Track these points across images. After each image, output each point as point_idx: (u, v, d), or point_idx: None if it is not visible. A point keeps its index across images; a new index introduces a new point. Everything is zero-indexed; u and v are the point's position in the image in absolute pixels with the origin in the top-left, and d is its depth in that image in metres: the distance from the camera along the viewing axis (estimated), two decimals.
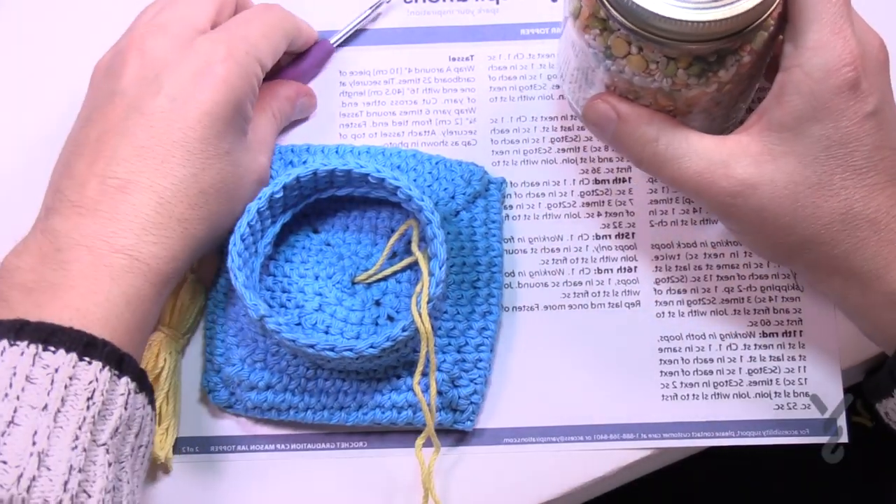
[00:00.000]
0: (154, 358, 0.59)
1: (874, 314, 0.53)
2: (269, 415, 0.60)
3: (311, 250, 0.62)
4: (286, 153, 0.63)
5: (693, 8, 0.48)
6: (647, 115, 0.54)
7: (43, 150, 0.65)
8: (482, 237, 0.62)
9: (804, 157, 0.50)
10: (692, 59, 0.50)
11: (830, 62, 0.49)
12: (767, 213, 0.51)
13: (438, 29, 0.67)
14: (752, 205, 0.51)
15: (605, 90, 0.56)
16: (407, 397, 0.60)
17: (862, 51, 0.50)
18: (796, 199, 0.51)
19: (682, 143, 0.53)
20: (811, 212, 0.51)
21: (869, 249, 0.51)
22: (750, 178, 0.51)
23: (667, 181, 0.54)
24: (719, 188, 0.52)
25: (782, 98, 0.51)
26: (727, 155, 0.52)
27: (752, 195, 0.51)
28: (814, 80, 0.50)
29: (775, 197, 0.51)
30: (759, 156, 0.51)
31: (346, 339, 0.59)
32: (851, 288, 0.53)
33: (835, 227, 0.51)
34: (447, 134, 0.65)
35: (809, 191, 0.50)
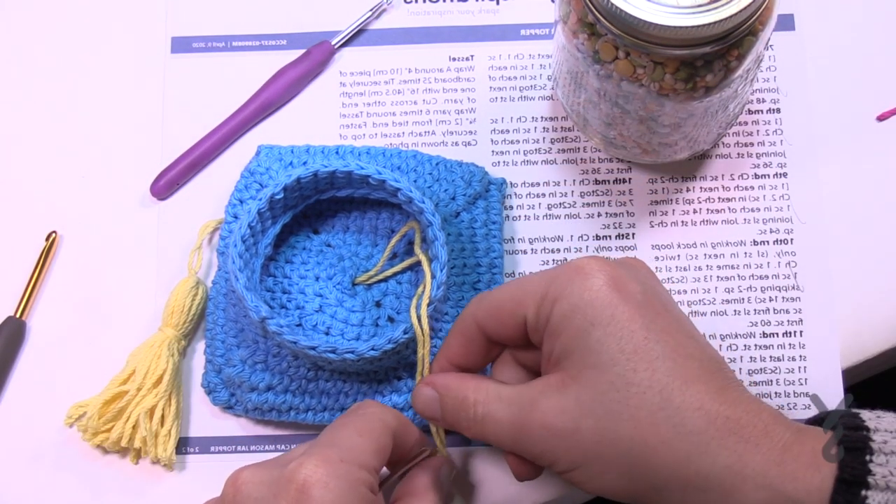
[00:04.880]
0: (156, 359, 0.62)
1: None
2: (269, 416, 0.62)
3: (311, 251, 0.64)
4: (286, 154, 0.65)
5: (679, 13, 0.50)
6: (463, 383, 0.54)
7: (42, 150, 0.69)
8: (483, 238, 0.64)
9: (598, 365, 0.49)
10: (679, 64, 0.52)
11: None
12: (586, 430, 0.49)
13: (438, 29, 0.70)
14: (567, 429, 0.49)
15: (596, 95, 0.58)
16: (408, 399, 0.61)
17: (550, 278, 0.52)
18: (609, 406, 0.49)
19: (493, 399, 0.52)
20: (630, 413, 0.48)
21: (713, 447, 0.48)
22: (558, 406, 0.50)
23: (493, 442, 0.53)
24: (533, 428, 0.50)
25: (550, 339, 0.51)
26: (535, 393, 0.51)
27: (566, 422, 0.49)
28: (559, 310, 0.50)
29: (586, 413, 0.49)
30: (561, 383, 0.50)
31: (347, 340, 0.61)
32: None
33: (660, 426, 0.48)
34: (447, 134, 0.68)
35: (618, 394, 0.48)
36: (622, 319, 0.49)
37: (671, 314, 0.51)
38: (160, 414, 0.61)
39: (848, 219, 0.65)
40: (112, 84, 0.70)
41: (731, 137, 0.67)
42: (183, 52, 0.70)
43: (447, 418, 0.54)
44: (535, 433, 0.50)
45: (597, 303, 0.50)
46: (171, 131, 0.69)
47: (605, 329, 0.49)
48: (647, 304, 0.50)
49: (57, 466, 0.63)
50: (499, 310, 0.53)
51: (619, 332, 0.49)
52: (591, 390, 0.49)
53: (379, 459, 0.51)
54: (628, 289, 0.50)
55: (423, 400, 0.55)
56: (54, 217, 0.67)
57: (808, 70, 0.68)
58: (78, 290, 0.66)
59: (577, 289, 0.50)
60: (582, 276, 0.50)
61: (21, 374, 0.65)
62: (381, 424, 0.53)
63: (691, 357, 0.50)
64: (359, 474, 0.49)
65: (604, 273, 0.50)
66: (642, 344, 0.49)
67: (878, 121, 0.67)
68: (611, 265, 0.51)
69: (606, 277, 0.50)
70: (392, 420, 0.54)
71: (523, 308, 0.52)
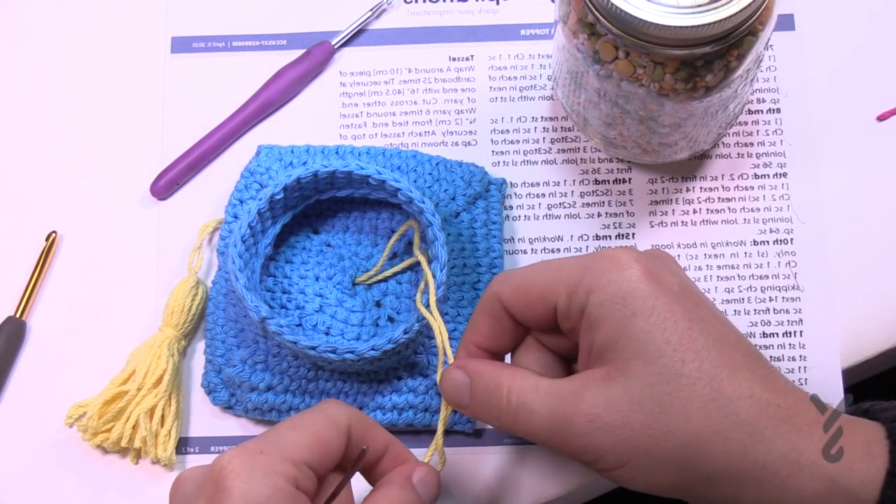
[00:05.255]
0: (156, 359, 0.62)
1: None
2: (269, 416, 0.62)
3: (311, 251, 0.64)
4: (286, 154, 0.65)
5: (679, 13, 0.50)
6: (496, 370, 0.52)
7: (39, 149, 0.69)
8: (483, 238, 0.64)
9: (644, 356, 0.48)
10: (679, 63, 0.53)
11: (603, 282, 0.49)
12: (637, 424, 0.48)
13: (438, 29, 0.70)
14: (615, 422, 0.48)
15: (596, 95, 0.58)
16: (408, 399, 0.62)
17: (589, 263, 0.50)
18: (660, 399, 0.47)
19: (530, 388, 0.51)
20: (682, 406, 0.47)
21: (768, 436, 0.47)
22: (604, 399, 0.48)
23: (525, 434, 0.51)
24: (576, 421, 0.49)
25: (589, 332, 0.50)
26: (578, 386, 0.49)
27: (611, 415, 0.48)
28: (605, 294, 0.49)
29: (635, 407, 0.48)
30: (606, 375, 0.49)
31: (347, 340, 0.61)
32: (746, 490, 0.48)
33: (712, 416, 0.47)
34: (447, 134, 0.68)
35: (668, 386, 0.47)
36: (663, 310, 0.48)
37: (706, 305, 0.51)
38: (160, 414, 0.62)
39: (848, 219, 0.65)
40: (112, 84, 0.70)
41: (731, 137, 0.67)
42: (183, 52, 0.70)
43: (475, 405, 0.53)
44: (579, 427, 0.49)
45: (636, 293, 0.49)
46: (171, 131, 0.69)
47: (647, 319, 0.48)
48: (685, 295, 0.50)
49: (57, 466, 0.63)
50: (527, 292, 0.52)
51: (663, 323, 0.48)
52: (639, 382, 0.48)
53: (314, 455, 0.49)
54: (665, 280, 0.49)
55: (452, 384, 0.53)
56: (54, 217, 0.67)
57: (808, 70, 0.68)
58: (78, 290, 0.66)
59: (614, 278, 0.49)
60: (618, 267, 0.49)
61: (21, 374, 0.65)
62: (325, 420, 0.50)
63: (734, 346, 0.49)
64: (279, 466, 0.47)
65: (639, 264, 0.49)
66: (686, 334, 0.48)
67: (878, 121, 0.67)
68: (644, 256, 0.50)
69: (642, 268, 0.49)
70: (344, 418, 0.50)
71: (554, 294, 0.51)
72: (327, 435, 0.49)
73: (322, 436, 0.49)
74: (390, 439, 0.53)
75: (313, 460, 0.49)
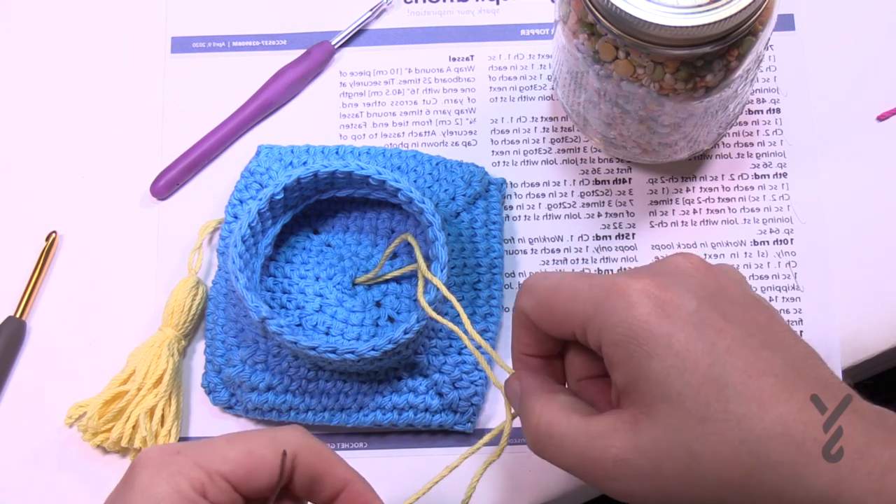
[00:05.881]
0: (156, 359, 0.62)
1: None
2: (269, 416, 0.62)
3: (311, 251, 0.64)
4: (286, 154, 0.66)
5: (679, 13, 0.50)
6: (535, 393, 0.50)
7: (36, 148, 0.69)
8: (483, 238, 0.64)
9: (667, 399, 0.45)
10: (679, 63, 0.53)
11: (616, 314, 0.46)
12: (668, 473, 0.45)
13: (438, 29, 0.70)
14: (646, 471, 0.46)
15: (596, 95, 0.58)
16: (408, 399, 0.62)
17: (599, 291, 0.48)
18: (689, 446, 0.45)
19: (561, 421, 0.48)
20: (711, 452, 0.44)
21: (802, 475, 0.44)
22: (633, 445, 0.46)
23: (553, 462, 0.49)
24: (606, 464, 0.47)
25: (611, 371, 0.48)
26: (608, 429, 0.47)
27: (642, 463, 0.46)
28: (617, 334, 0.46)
29: (665, 456, 0.45)
30: (633, 420, 0.46)
31: (347, 340, 0.61)
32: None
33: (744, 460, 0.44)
34: (447, 134, 0.68)
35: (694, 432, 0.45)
36: (680, 349, 0.45)
37: (734, 325, 0.46)
38: (160, 414, 0.62)
39: (848, 219, 0.66)
40: (112, 84, 0.70)
41: (731, 137, 0.67)
42: (183, 52, 0.70)
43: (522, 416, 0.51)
44: (610, 472, 0.46)
45: (649, 334, 0.45)
46: (171, 131, 0.69)
47: (663, 361, 0.45)
48: (705, 324, 0.46)
49: (57, 466, 0.63)
50: (549, 314, 0.50)
51: (682, 364, 0.45)
52: (665, 429, 0.45)
53: (238, 470, 0.47)
54: (680, 311, 0.46)
55: (511, 393, 0.52)
56: (54, 217, 0.67)
57: (808, 70, 0.68)
58: (78, 290, 0.66)
59: (623, 318, 0.46)
60: (627, 305, 0.46)
61: (21, 374, 0.65)
62: (266, 440, 0.48)
63: (765, 373, 0.45)
64: (188, 470, 0.46)
65: (649, 299, 0.46)
66: (707, 372, 0.45)
67: (878, 121, 0.67)
68: (655, 286, 0.46)
69: (653, 304, 0.46)
70: (293, 444, 0.48)
71: (570, 326, 0.49)
72: (261, 454, 0.48)
73: (255, 453, 0.47)
74: (351, 478, 0.50)
75: (233, 475, 0.47)
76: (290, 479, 0.49)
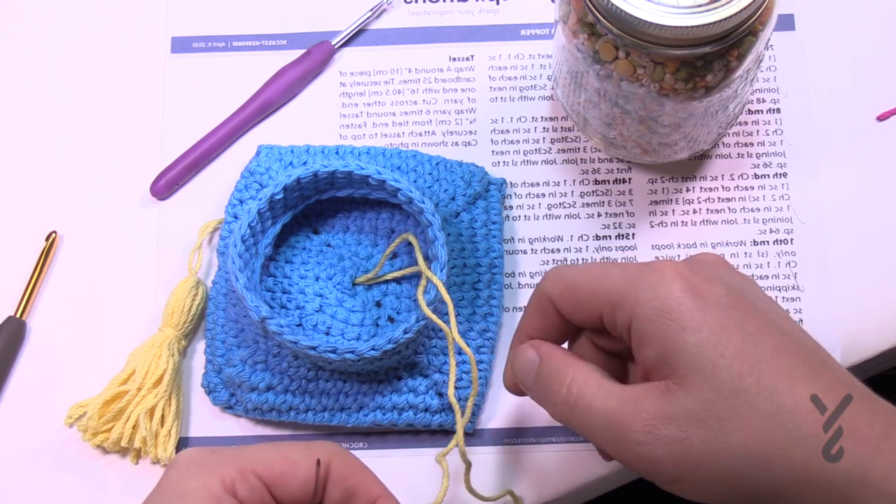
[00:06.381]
0: (156, 359, 0.62)
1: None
2: (269, 416, 0.62)
3: (311, 251, 0.64)
4: (286, 154, 0.66)
5: (679, 13, 0.50)
6: (565, 358, 0.51)
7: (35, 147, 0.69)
8: (482, 238, 0.64)
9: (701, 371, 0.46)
10: (679, 63, 0.53)
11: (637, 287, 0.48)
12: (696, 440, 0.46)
13: (438, 29, 0.70)
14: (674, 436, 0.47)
15: (597, 95, 0.58)
16: (408, 398, 0.62)
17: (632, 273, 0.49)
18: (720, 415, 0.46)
19: (593, 384, 0.50)
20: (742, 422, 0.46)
21: None
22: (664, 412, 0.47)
23: (580, 430, 0.50)
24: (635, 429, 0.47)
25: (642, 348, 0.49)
26: (640, 395, 0.48)
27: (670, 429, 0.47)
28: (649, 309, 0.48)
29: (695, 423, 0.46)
30: (666, 389, 0.47)
31: (347, 340, 0.61)
32: None
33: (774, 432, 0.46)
34: (447, 134, 0.68)
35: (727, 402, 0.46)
36: (713, 324, 0.47)
37: (761, 311, 0.49)
38: (160, 414, 0.62)
39: (848, 219, 0.66)
40: (112, 84, 0.70)
41: (731, 137, 0.67)
42: (183, 52, 0.70)
43: (536, 389, 0.52)
44: (638, 434, 0.47)
45: (683, 308, 0.47)
46: (171, 131, 0.69)
47: (698, 334, 0.47)
48: (736, 306, 0.48)
49: (57, 466, 0.63)
50: (575, 295, 0.51)
51: (715, 338, 0.46)
52: (697, 398, 0.46)
53: (272, 470, 0.48)
54: (711, 293, 0.48)
55: (523, 362, 0.53)
56: (54, 217, 0.67)
57: (808, 70, 0.68)
58: (78, 290, 0.66)
59: (660, 293, 0.48)
60: (662, 281, 0.48)
61: (21, 374, 0.65)
62: (302, 446, 0.49)
63: (794, 355, 0.47)
64: (221, 468, 0.47)
65: (683, 280, 0.48)
66: (741, 347, 0.46)
67: (878, 121, 0.67)
68: (689, 270, 0.49)
69: (686, 284, 0.48)
70: (326, 454, 0.49)
71: (599, 305, 0.50)
72: (296, 458, 0.48)
73: (290, 457, 0.48)
74: (382, 493, 0.50)
75: (268, 475, 0.48)
76: (323, 492, 0.49)
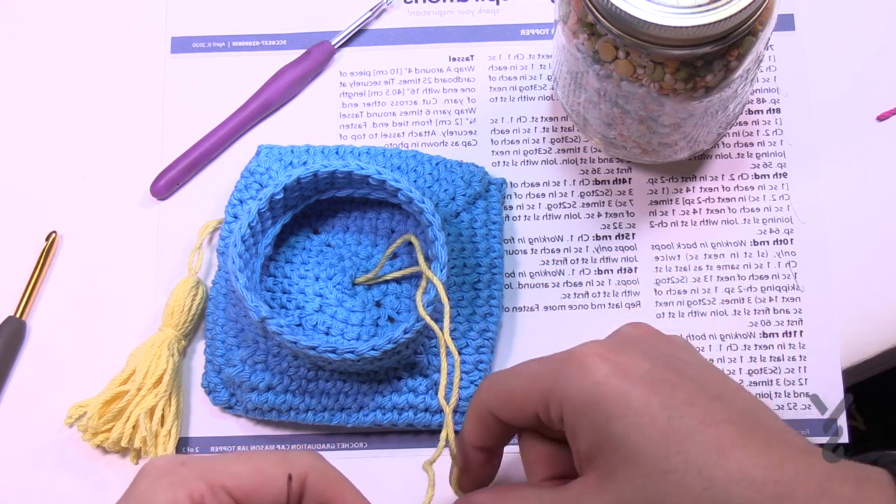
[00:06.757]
0: (156, 359, 0.62)
1: None
2: (269, 416, 0.62)
3: (311, 251, 0.64)
4: (286, 154, 0.66)
5: (679, 13, 0.50)
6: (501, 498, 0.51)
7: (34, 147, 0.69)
8: (482, 238, 0.64)
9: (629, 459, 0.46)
10: (679, 63, 0.53)
11: None
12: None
13: (438, 29, 0.70)
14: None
15: (597, 95, 0.58)
16: (408, 398, 0.62)
17: None
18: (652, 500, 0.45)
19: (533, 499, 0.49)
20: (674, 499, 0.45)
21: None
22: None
23: None
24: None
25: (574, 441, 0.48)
26: (574, 497, 0.48)
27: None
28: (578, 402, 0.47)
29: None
30: (598, 483, 0.47)
31: (347, 340, 0.61)
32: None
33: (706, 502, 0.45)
34: (447, 134, 0.68)
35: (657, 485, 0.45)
36: (638, 406, 0.46)
37: (690, 379, 0.48)
38: (160, 414, 0.62)
39: (848, 219, 0.66)
40: (112, 84, 0.70)
41: (731, 137, 0.67)
42: (183, 52, 0.70)
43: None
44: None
45: (607, 395, 0.46)
46: (171, 131, 0.69)
47: (623, 420, 0.46)
48: (660, 380, 0.47)
49: (57, 466, 0.63)
50: (509, 401, 0.51)
51: (640, 420, 0.46)
52: (629, 485, 0.46)
53: (243, 486, 0.47)
54: (636, 370, 0.47)
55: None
56: (54, 217, 0.67)
57: (808, 70, 0.68)
58: (78, 290, 0.66)
59: (584, 385, 0.47)
60: (585, 372, 0.47)
61: (21, 374, 0.65)
62: (276, 459, 0.48)
63: (723, 422, 0.46)
64: (190, 481, 0.46)
65: (605, 362, 0.47)
66: (666, 425, 0.45)
67: (878, 121, 0.67)
68: (610, 350, 0.48)
69: (609, 366, 0.47)
70: (304, 466, 0.48)
71: (533, 406, 0.50)
72: (270, 473, 0.47)
73: (263, 472, 0.47)
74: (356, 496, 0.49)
75: (238, 490, 0.47)
76: None
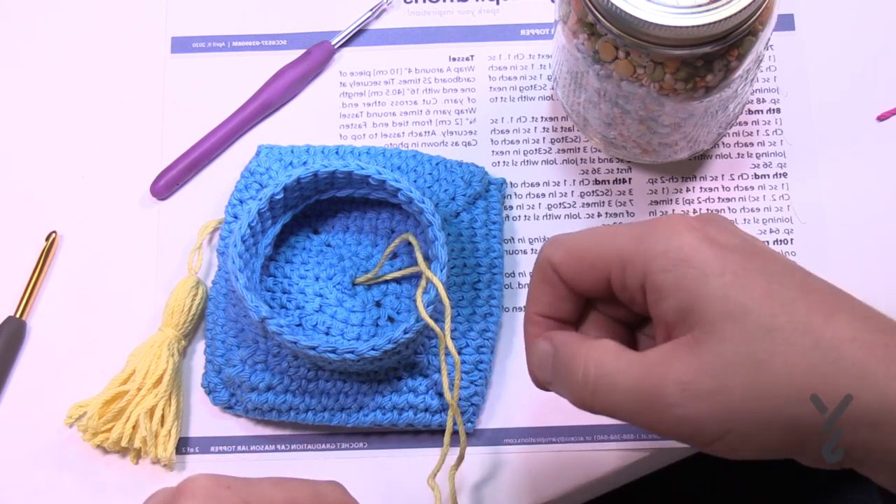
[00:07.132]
0: (156, 359, 0.62)
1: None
2: (269, 416, 0.62)
3: (311, 251, 0.64)
4: (286, 154, 0.66)
5: (679, 13, 0.50)
6: (577, 341, 0.48)
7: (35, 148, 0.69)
8: (482, 238, 0.64)
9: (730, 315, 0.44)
10: (679, 63, 0.53)
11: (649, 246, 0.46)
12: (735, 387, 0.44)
13: (438, 29, 0.70)
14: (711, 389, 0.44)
15: (597, 95, 0.58)
16: (408, 398, 0.62)
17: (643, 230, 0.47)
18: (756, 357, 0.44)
19: (611, 359, 0.47)
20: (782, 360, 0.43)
21: None
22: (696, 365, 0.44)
23: (606, 411, 0.47)
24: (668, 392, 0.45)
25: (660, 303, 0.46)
26: (666, 356, 0.45)
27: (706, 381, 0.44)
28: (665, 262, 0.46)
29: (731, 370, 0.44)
30: (694, 341, 0.45)
31: (347, 340, 0.61)
32: None
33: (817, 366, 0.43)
34: (447, 134, 0.68)
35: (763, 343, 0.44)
36: (735, 269, 0.44)
37: (780, 259, 0.47)
38: (160, 414, 0.62)
39: (848, 219, 0.66)
40: (112, 84, 0.70)
41: (731, 137, 0.67)
42: (183, 52, 0.70)
43: (556, 382, 0.49)
44: (672, 397, 0.44)
45: (702, 256, 0.45)
46: (171, 131, 0.69)
47: (721, 279, 0.44)
48: (753, 252, 0.46)
49: (57, 466, 0.63)
50: (579, 259, 0.49)
51: (739, 281, 0.44)
52: (730, 342, 0.44)
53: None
54: (728, 242, 0.46)
55: (539, 357, 0.50)
56: (54, 217, 0.67)
57: (808, 70, 0.68)
58: (78, 290, 0.66)
59: (674, 244, 0.45)
60: (674, 233, 0.46)
61: (21, 374, 0.65)
62: (310, 491, 0.49)
63: (821, 290, 0.45)
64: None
65: (695, 231, 0.46)
66: (767, 288, 0.44)
67: (878, 121, 0.67)
68: (699, 222, 0.47)
69: (700, 235, 0.46)
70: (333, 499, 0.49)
71: (606, 265, 0.48)
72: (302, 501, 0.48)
73: (297, 501, 0.48)
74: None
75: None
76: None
